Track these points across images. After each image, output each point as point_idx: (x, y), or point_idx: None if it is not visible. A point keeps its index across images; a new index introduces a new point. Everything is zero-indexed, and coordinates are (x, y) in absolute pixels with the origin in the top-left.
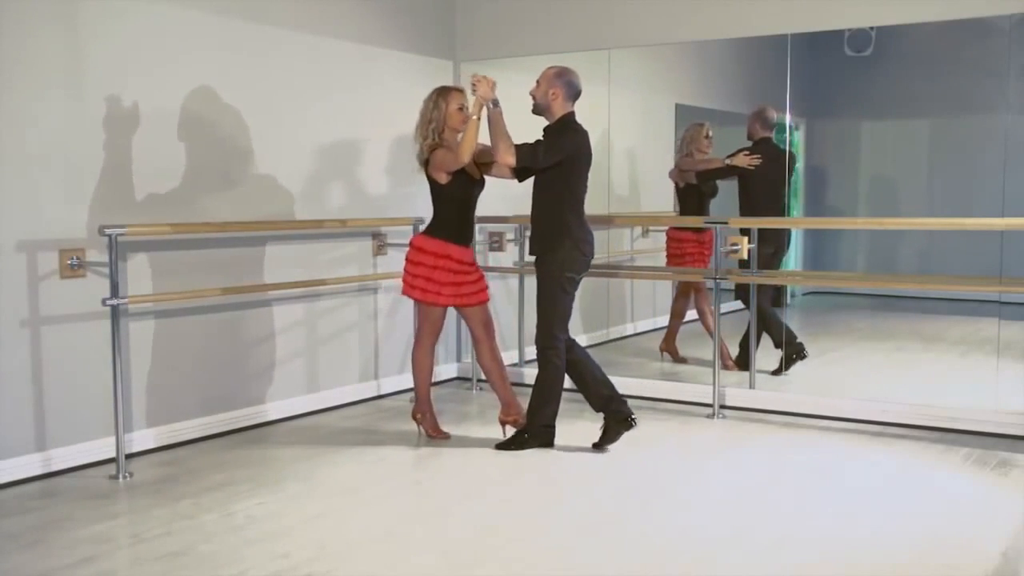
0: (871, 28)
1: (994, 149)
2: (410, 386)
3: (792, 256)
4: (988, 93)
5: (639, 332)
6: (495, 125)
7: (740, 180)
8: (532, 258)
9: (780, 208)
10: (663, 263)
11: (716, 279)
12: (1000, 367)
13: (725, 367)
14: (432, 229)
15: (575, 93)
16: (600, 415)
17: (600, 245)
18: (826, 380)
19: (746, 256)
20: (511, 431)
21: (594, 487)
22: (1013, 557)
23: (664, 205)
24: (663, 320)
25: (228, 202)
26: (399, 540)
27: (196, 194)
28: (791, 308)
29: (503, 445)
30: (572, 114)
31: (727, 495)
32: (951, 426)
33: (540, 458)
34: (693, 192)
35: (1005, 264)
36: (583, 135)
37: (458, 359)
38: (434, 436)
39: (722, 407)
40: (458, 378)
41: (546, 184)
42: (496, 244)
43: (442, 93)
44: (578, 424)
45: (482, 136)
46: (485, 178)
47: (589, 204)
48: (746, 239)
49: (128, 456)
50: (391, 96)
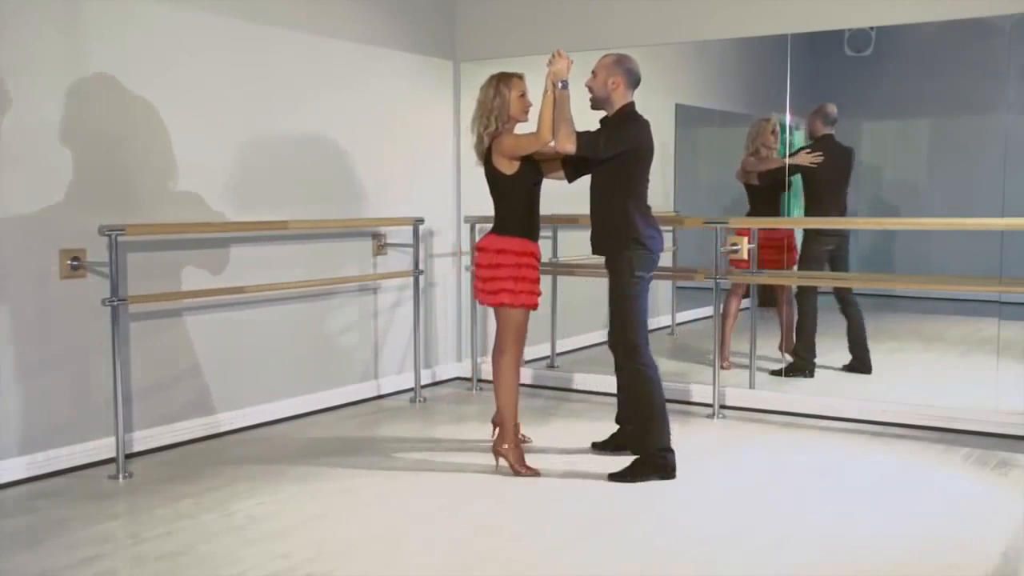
0: (871, 28)
1: (994, 149)
2: (410, 386)
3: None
4: (988, 93)
5: None
6: (560, 107)
7: (803, 178)
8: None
9: (842, 205)
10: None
11: (716, 279)
12: (1000, 367)
13: (723, 368)
14: (504, 227)
15: (635, 80)
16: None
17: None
18: (826, 380)
19: (746, 256)
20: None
21: (594, 487)
22: (1013, 557)
23: (664, 204)
24: (664, 320)
25: (228, 202)
26: (399, 540)
27: (196, 194)
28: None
29: (618, 475)
30: (632, 104)
31: (727, 495)
32: (951, 426)
33: (539, 459)
34: (762, 190)
35: (1005, 264)
36: (645, 125)
37: (458, 359)
38: (522, 473)
39: (722, 407)
40: (458, 378)
41: (607, 179)
42: None
43: (503, 79)
44: (578, 424)
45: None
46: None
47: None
48: (746, 239)
49: (128, 456)
50: (391, 96)
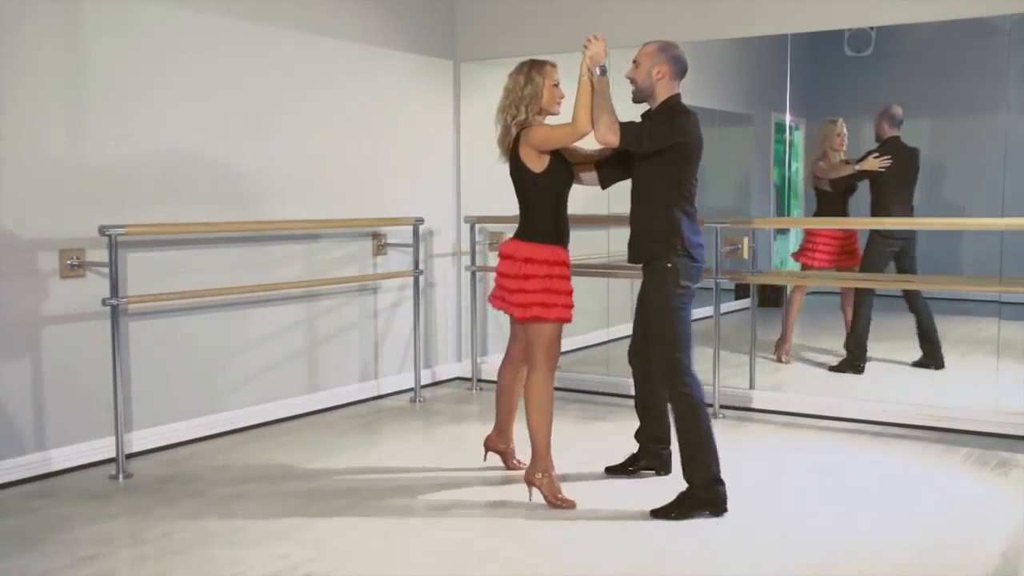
0: (871, 28)
1: (994, 149)
2: (410, 386)
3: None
4: (988, 93)
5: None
6: (600, 96)
7: (870, 181)
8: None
9: (910, 206)
10: None
11: (716, 279)
12: (1000, 367)
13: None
14: (531, 232)
15: (682, 69)
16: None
17: (601, 245)
18: (826, 380)
19: (747, 256)
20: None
21: (593, 487)
22: (1013, 557)
23: None
24: None
25: (228, 202)
26: (399, 540)
27: (196, 194)
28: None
29: (661, 512)
30: (679, 95)
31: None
32: (951, 426)
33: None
34: (832, 195)
35: (1005, 264)
36: (694, 119)
37: (458, 359)
38: (556, 505)
39: (722, 407)
40: (458, 378)
41: (650, 177)
42: (496, 245)
43: (535, 67)
44: (577, 423)
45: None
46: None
47: (590, 204)
48: (746, 239)
49: (128, 456)
50: (391, 96)
